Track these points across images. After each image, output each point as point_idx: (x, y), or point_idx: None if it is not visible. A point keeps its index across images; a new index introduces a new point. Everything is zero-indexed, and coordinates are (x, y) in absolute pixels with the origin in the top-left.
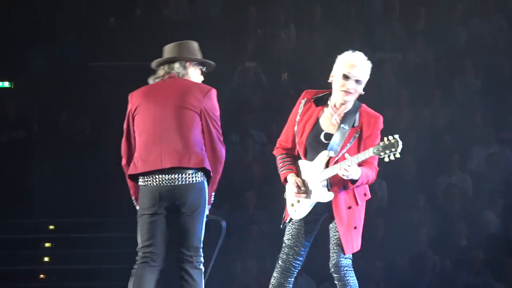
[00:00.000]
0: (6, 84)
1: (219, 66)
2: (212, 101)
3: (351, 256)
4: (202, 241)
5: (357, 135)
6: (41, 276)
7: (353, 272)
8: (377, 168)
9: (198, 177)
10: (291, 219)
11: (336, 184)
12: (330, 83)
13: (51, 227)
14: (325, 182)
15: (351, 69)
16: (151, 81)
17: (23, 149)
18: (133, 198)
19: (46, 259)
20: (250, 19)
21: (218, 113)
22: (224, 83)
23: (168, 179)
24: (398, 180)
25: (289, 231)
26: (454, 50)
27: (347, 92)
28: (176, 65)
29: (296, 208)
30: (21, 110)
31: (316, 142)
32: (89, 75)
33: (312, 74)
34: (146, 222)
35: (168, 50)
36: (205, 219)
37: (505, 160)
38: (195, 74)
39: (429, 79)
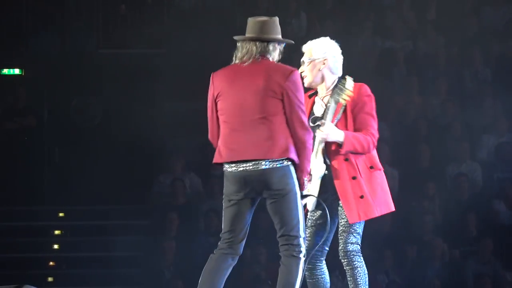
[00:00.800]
0: (16, 71)
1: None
2: (294, 84)
3: (359, 241)
4: (300, 228)
5: (343, 108)
6: (51, 263)
7: (361, 257)
8: (375, 134)
9: (283, 163)
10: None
11: (333, 156)
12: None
13: (61, 214)
14: (321, 158)
15: (303, 56)
16: (236, 60)
17: (33, 137)
18: None
19: (55, 246)
20: (260, 8)
21: (300, 95)
22: None
23: (253, 165)
24: (409, 168)
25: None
26: (465, 39)
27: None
28: (270, 47)
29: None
30: (32, 97)
31: (312, 130)
32: (99, 62)
33: None
34: (228, 208)
35: (254, 26)
36: (299, 205)
37: None
38: (276, 54)
39: (440, 68)
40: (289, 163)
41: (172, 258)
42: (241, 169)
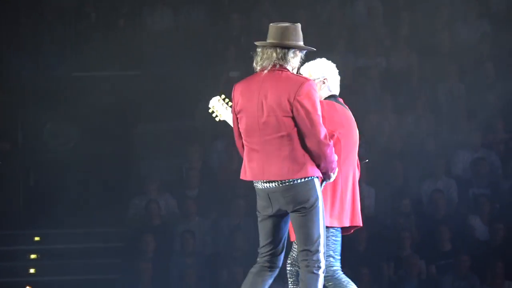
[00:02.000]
0: None
1: (203, 74)
2: (306, 95)
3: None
4: (321, 243)
5: None
6: (27, 287)
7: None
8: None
9: (306, 178)
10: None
11: None
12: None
13: (37, 238)
14: None
15: None
16: (259, 64)
17: (8, 160)
18: None
19: (32, 270)
20: (233, 27)
21: (313, 106)
22: (209, 91)
23: (276, 183)
24: (384, 186)
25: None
26: (438, 55)
27: None
28: (290, 54)
29: None
30: (6, 121)
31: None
32: (73, 85)
33: None
34: (262, 222)
35: (276, 32)
36: (321, 220)
37: (491, 164)
38: (296, 61)
39: (414, 84)
40: (312, 177)
41: (149, 279)
42: (266, 186)
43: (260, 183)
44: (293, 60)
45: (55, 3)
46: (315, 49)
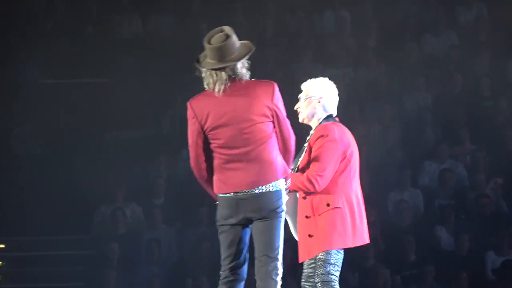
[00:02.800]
0: None
1: (171, 83)
2: (279, 98)
3: (322, 273)
4: (280, 252)
5: (306, 148)
6: None
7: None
8: (317, 174)
9: (275, 187)
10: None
11: (298, 195)
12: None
13: (1, 246)
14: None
15: (301, 93)
16: (212, 85)
17: None
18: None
19: None
20: (203, 36)
21: (283, 106)
22: (177, 99)
23: (246, 191)
24: None
25: None
26: (406, 66)
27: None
28: (238, 67)
29: None
30: None
31: None
32: (41, 92)
33: None
34: (223, 233)
35: (216, 53)
36: (282, 229)
37: (457, 175)
38: (245, 70)
39: (381, 95)
40: (281, 186)
41: (114, 287)
42: (235, 194)
43: (231, 194)
44: (243, 71)
45: (24, 9)
46: (254, 48)
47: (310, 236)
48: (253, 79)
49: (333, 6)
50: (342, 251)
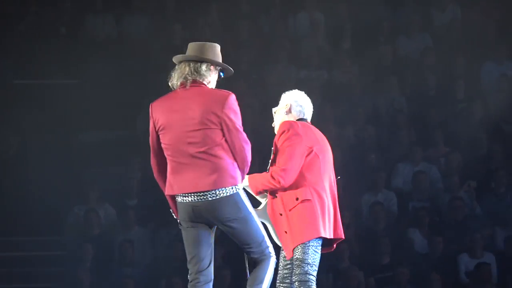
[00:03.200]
0: None
1: (144, 84)
2: (231, 109)
3: (307, 270)
4: (266, 240)
5: (273, 150)
6: None
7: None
8: (279, 169)
9: (231, 191)
10: None
11: (269, 195)
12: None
13: None
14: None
15: None
16: (174, 81)
17: None
18: (171, 210)
19: None
20: (176, 38)
21: (238, 118)
22: (151, 100)
23: (200, 196)
24: None
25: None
26: (380, 68)
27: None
28: (203, 67)
29: None
30: None
31: None
32: (14, 93)
33: (237, 92)
34: (185, 236)
35: (195, 48)
36: (256, 223)
37: (431, 177)
38: (214, 79)
39: (355, 97)
40: (236, 189)
41: None
42: (189, 200)
43: (186, 196)
44: (207, 74)
45: None
46: (232, 71)
47: (286, 232)
48: (213, 88)
49: (307, 8)
50: (319, 251)
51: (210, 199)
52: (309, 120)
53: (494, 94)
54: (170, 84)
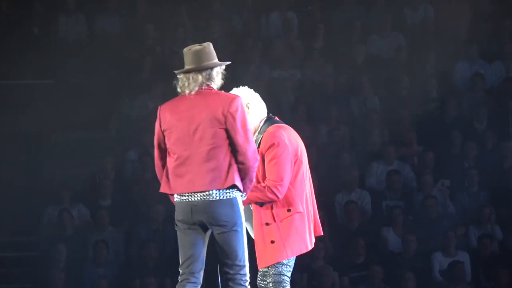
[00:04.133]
0: None
1: (117, 84)
2: (236, 111)
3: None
4: (246, 258)
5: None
6: None
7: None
8: (274, 184)
9: (230, 194)
10: None
11: (254, 204)
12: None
13: None
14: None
15: None
16: (187, 91)
17: None
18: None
19: None
20: (148, 38)
21: (243, 121)
22: (124, 100)
23: (200, 196)
24: None
25: None
26: (353, 68)
27: None
28: (213, 73)
29: None
30: None
31: None
32: None
33: None
34: (181, 236)
35: (193, 57)
36: (244, 236)
37: (405, 177)
38: (219, 79)
39: (328, 96)
40: (236, 194)
41: None
42: (189, 199)
43: (185, 196)
44: (217, 78)
45: None
46: (230, 62)
47: (272, 242)
48: (221, 91)
49: (279, 8)
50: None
51: (208, 199)
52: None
53: (466, 93)
54: (179, 90)
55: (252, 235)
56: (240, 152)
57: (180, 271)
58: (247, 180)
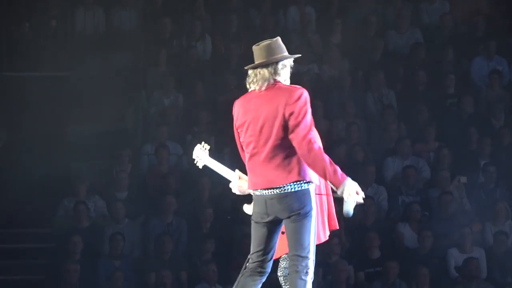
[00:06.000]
0: None
1: (134, 77)
2: (298, 102)
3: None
4: (311, 251)
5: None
6: None
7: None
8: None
9: (300, 186)
10: None
11: None
12: None
13: None
14: None
15: None
16: (257, 86)
17: None
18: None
19: None
20: (166, 32)
21: (303, 113)
22: (142, 93)
23: (271, 191)
24: None
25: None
26: (370, 63)
27: None
28: (279, 67)
29: None
30: None
31: None
32: (3, 85)
33: (227, 86)
34: (256, 229)
35: (260, 52)
36: (313, 228)
37: (421, 172)
38: (287, 72)
39: (345, 92)
40: (308, 185)
41: (76, 281)
42: (263, 193)
43: (259, 190)
44: (283, 72)
45: None
46: (300, 55)
47: (282, 233)
48: (287, 84)
49: (297, 2)
50: None
51: (279, 192)
52: None
53: (484, 89)
54: (248, 87)
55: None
56: (297, 144)
57: (250, 259)
58: (318, 170)
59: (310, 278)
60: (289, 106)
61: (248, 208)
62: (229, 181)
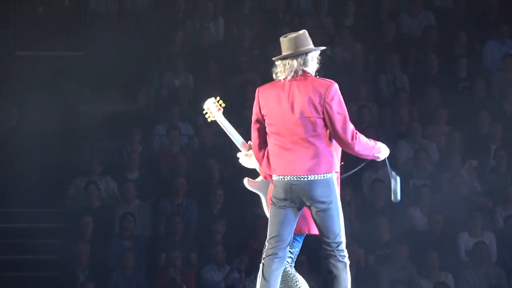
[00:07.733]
0: None
1: (147, 58)
2: (333, 99)
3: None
4: (342, 235)
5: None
6: None
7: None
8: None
9: (328, 175)
10: None
11: None
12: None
13: None
14: None
15: None
16: (283, 76)
17: None
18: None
19: None
20: (178, 12)
21: (340, 107)
22: (154, 74)
23: (298, 177)
24: None
25: None
26: (383, 45)
27: None
28: (308, 58)
29: None
30: None
31: None
32: (16, 64)
33: (240, 67)
34: (275, 214)
35: (289, 44)
36: (340, 213)
37: (432, 155)
38: (315, 63)
39: (357, 74)
40: (333, 175)
41: (86, 261)
42: (288, 179)
43: (285, 176)
44: (312, 63)
45: None
46: (325, 47)
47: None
48: (317, 77)
49: None
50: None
51: (306, 179)
52: None
53: (496, 73)
54: (275, 76)
55: (266, 210)
56: (340, 140)
57: (267, 244)
58: (366, 155)
59: (347, 259)
60: (328, 101)
61: (250, 184)
62: (235, 146)
